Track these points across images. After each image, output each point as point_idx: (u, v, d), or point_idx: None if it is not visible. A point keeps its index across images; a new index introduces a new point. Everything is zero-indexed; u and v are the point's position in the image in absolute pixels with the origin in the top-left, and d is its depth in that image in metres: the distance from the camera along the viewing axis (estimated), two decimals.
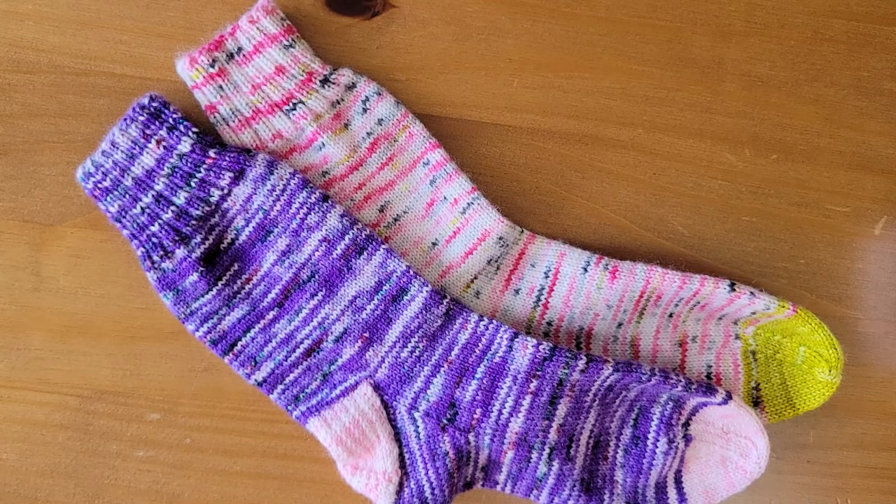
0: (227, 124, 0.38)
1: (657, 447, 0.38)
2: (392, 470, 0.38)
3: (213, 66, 0.37)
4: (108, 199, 0.36)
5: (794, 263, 0.42)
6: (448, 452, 0.37)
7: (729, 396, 0.37)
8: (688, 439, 0.39)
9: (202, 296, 0.37)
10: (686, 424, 0.39)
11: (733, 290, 0.38)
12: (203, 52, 0.37)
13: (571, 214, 0.41)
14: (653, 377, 0.37)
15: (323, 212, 0.37)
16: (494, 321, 0.38)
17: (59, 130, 0.40)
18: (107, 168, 0.36)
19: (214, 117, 0.38)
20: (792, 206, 0.42)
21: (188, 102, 0.39)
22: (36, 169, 0.40)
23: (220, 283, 0.37)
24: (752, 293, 0.38)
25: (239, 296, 0.37)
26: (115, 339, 0.40)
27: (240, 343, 0.37)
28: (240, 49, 0.38)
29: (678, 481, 0.39)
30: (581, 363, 0.37)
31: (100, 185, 0.36)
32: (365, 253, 0.38)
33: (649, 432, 0.39)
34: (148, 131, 0.36)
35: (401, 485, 0.38)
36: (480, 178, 0.41)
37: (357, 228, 0.38)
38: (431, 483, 0.38)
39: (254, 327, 0.37)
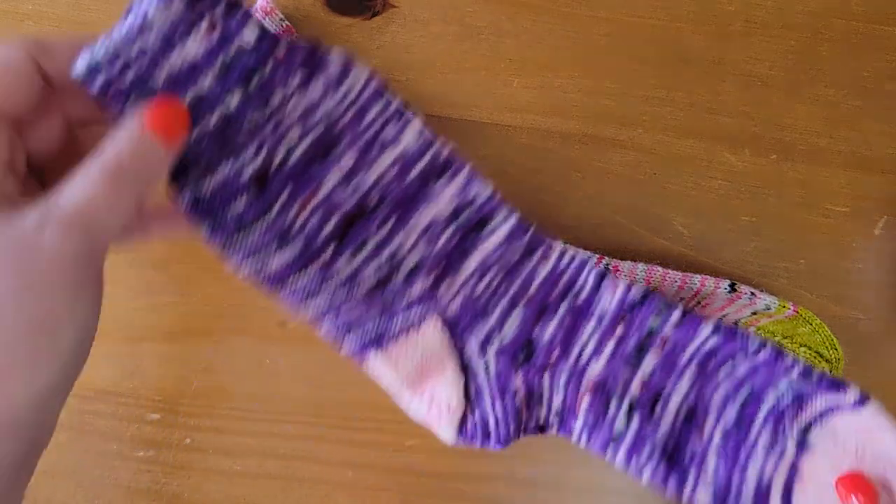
0: None
1: (759, 439, 0.32)
2: (456, 401, 0.34)
3: None
4: (128, 104, 0.27)
5: (794, 263, 0.42)
6: (518, 389, 0.34)
7: (865, 398, 0.31)
8: (803, 446, 0.32)
9: (246, 227, 0.30)
10: (806, 430, 0.32)
11: (734, 290, 0.38)
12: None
13: (571, 214, 0.41)
14: (762, 350, 0.32)
15: (401, 125, 0.32)
16: (579, 256, 0.34)
17: None
18: (129, 59, 0.26)
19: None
20: (792, 206, 0.42)
21: None
22: None
23: (269, 214, 0.30)
24: (752, 293, 0.38)
25: (292, 228, 0.31)
26: (115, 339, 0.40)
27: (290, 283, 0.31)
28: None
29: (787, 495, 0.32)
30: (675, 315, 0.33)
31: (115, 84, 0.26)
32: (445, 175, 0.33)
33: (756, 418, 0.33)
34: (197, 10, 0.27)
35: (464, 417, 0.34)
36: None
37: (438, 146, 0.32)
38: (497, 417, 0.34)
39: (309, 265, 0.32)
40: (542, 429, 0.35)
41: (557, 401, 0.34)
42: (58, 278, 0.25)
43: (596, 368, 0.33)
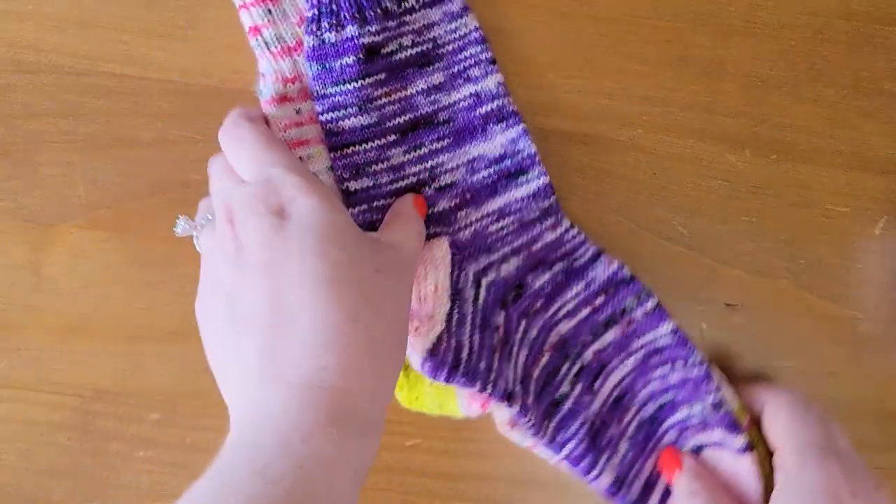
0: (269, 49, 0.37)
1: (664, 438, 0.39)
2: (437, 318, 0.36)
3: None
4: None
5: (794, 263, 0.42)
6: (499, 328, 0.37)
7: (750, 447, 0.37)
8: (696, 452, 0.39)
9: (343, 83, 0.36)
10: (698, 450, 0.39)
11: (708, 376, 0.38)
12: None
13: (571, 214, 0.41)
14: (698, 366, 0.37)
15: (486, 71, 0.38)
16: (582, 234, 0.39)
17: (60, 130, 0.40)
18: None
19: (256, 40, 0.37)
20: (792, 206, 0.42)
21: (193, 104, 0.39)
22: (36, 169, 0.40)
23: (364, 80, 0.36)
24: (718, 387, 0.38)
25: (373, 103, 0.37)
26: (115, 339, 0.40)
27: (351, 147, 0.37)
28: None
29: (665, 494, 0.39)
30: (650, 303, 0.38)
31: None
32: (504, 123, 0.38)
33: (668, 419, 0.39)
34: None
35: (440, 339, 0.36)
36: None
37: (508, 100, 0.39)
38: (472, 348, 0.37)
39: (371, 141, 0.37)
40: (509, 397, 0.36)
41: (521, 362, 0.38)
42: (411, 284, 0.34)
43: (565, 327, 0.39)
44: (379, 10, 0.36)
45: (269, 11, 0.37)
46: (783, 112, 0.42)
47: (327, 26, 0.35)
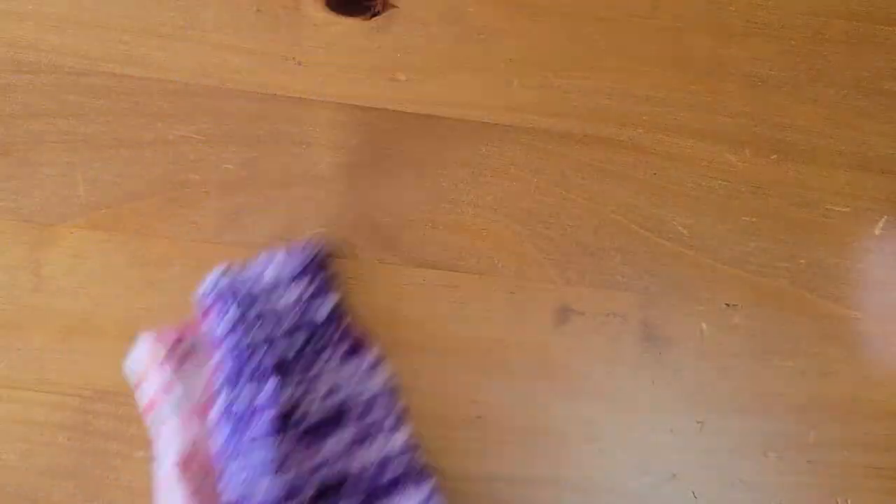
0: (174, 414, 0.36)
1: None
2: None
3: (176, 347, 0.36)
4: (226, 312, 0.36)
5: (794, 263, 0.42)
6: None
7: None
8: None
9: (256, 443, 0.34)
10: None
11: None
12: (171, 334, 0.37)
13: (571, 214, 0.41)
14: None
15: (395, 428, 0.38)
16: None
17: (59, 130, 0.40)
18: (245, 288, 0.36)
19: (164, 405, 0.36)
20: (792, 206, 0.42)
21: (193, 104, 0.39)
22: (36, 169, 0.40)
23: (277, 441, 0.34)
24: None
25: (284, 465, 0.35)
26: (115, 339, 0.40)
27: None
28: (195, 348, 0.37)
29: None
30: None
31: (223, 297, 0.36)
32: (411, 484, 0.37)
33: None
34: (307, 271, 0.37)
35: None
36: (480, 178, 0.41)
37: (417, 455, 0.38)
38: None
39: None
40: None
41: None
42: None
43: None
44: (297, 368, 0.36)
45: (177, 372, 0.36)
46: (783, 112, 0.42)
47: (245, 384, 0.35)
